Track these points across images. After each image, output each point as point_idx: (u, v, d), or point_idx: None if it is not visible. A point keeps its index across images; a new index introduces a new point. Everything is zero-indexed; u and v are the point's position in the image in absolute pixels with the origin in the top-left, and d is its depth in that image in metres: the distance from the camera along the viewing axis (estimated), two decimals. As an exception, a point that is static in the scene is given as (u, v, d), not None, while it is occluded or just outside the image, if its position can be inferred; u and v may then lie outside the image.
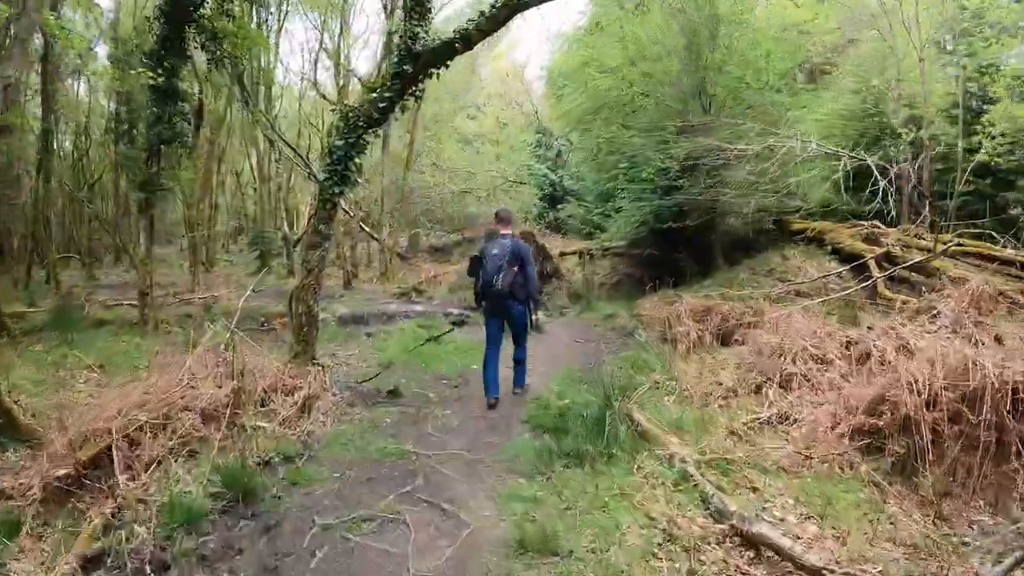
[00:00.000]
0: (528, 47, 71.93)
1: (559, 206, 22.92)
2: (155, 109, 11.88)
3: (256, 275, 25.06)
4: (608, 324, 12.70)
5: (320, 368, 8.44)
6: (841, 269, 12.25)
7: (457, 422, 7.15)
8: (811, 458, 5.69)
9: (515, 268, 7.66)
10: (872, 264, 11.62)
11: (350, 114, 8.45)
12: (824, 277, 12.18)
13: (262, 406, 6.98)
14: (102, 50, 23.16)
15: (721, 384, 7.89)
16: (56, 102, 19.36)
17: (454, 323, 12.81)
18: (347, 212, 21.53)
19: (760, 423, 6.53)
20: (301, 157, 22.58)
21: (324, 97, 25.62)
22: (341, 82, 26.10)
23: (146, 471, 5.37)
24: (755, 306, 10.38)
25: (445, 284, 17.81)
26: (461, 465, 5.88)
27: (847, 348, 7.58)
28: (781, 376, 7.36)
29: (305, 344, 8.68)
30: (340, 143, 8.40)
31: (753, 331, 9.36)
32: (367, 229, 21.41)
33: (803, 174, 13.00)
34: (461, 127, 29.40)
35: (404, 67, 8.37)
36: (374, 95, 8.45)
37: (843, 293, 10.84)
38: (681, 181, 13.88)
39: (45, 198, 18.59)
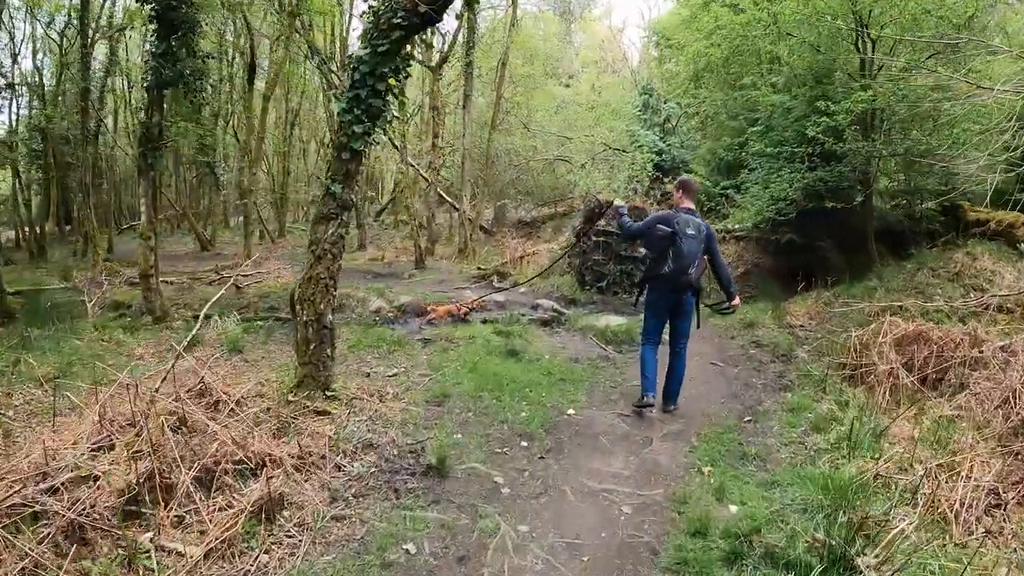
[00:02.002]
0: (624, 12, 67.36)
1: (666, 180, 19.05)
2: (157, 42, 8.88)
3: None
4: (748, 335, 9.03)
5: (328, 415, 5.25)
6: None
7: (539, 550, 3.75)
8: None
9: (705, 256, 5.94)
10: None
11: (381, 11, 5.06)
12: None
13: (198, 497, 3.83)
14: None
15: (979, 485, 4.28)
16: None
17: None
18: (424, 177, 18.37)
19: None
20: (384, 132, 19.52)
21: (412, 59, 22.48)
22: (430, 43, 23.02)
23: None
24: (970, 330, 6.80)
25: (533, 266, 14.39)
26: None
27: None
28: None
29: (313, 368, 5.54)
30: (366, 54, 5.06)
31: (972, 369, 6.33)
32: (447, 197, 18.18)
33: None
34: (554, 93, 25.76)
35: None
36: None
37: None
38: (846, 145, 9.92)
39: (88, 162, 16.17)
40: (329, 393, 5.83)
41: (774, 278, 12.73)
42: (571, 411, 5.96)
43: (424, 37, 21.80)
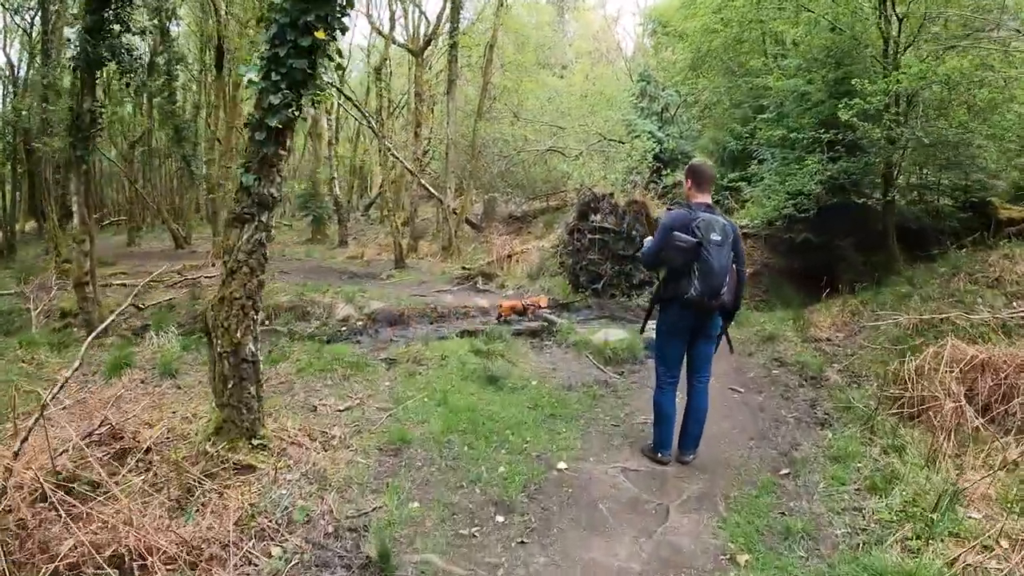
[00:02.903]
0: (619, 0, 66.15)
1: (665, 172, 17.75)
2: (87, 15, 7.56)
3: (308, 244, 21.24)
4: (769, 350, 7.76)
5: (253, 470, 3.99)
6: None
7: None
8: None
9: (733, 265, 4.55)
10: None
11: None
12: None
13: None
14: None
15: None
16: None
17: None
18: (408, 169, 17.03)
19: None
20: (354, 103, 18.19)
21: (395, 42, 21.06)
22: (416, 27, 21.65)
23: None
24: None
25: (523, 265, 13.10)
26: None
27: None
28: None
29: (234, 411, 4.27)
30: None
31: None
32: (428, 187, 16.83)
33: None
34: (547, 82, 24.39)
35: None
36: None
37: None
38: (881, 131, 8.65)
39: (49, 154, 14.88)
40: (256, 441, 4.53)
41: (788, 280, 11.48)
42: (562, 464, 4.66)
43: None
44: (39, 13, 18.60)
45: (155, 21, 15.44)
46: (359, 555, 3.50)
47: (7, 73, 25.21)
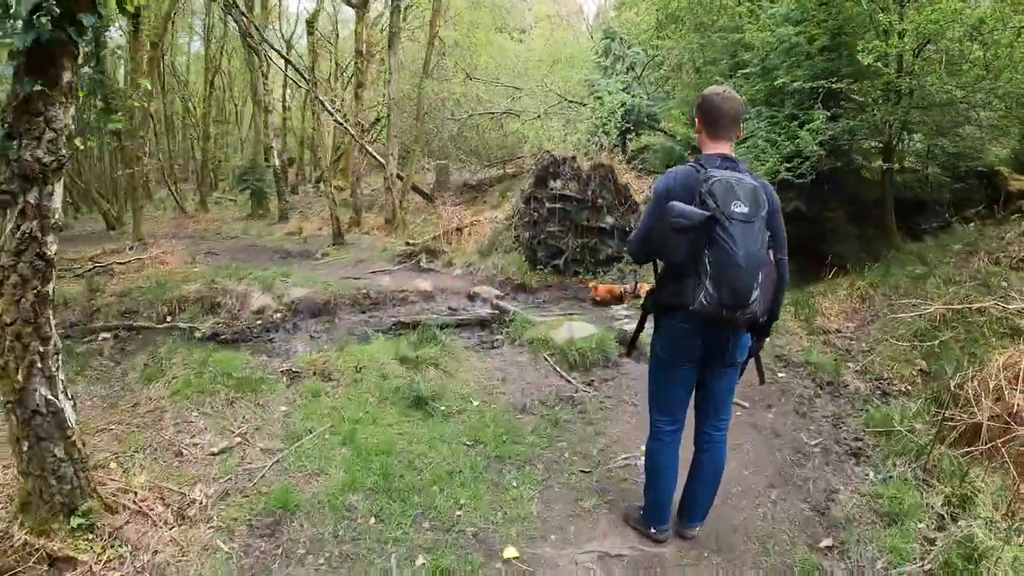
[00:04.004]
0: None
1: (631, 136, 16.18)
2: None
3: (247, 220, 19.25)
4: (769, 345, 6.30)
5: (72, 565, 2.36)
6: None
7: None
8: None
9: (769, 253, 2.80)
10: None
11: None
12: None
13: None
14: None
15: None
16: None
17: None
18: (337, 119, 15.14)
19: None
20: (291, 63, 16.18)
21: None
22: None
23: None
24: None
25: (473, 241, 11.45)
26: None
27: None
28: None
29: (40, 481, 2.98)
30: None
31: None
32: (371, 151, 15.01)
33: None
34: (504, 46, 22.50)
35: None
36: None
37: None
38: (911, 81, 7.25)
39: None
40: (78, 520, 2.93)
41: (776, 255, 10.08)
42: (511, 551, 3.11)
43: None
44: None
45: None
46: None
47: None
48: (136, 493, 3.42)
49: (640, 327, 3.29)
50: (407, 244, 11.88)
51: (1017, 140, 9.77)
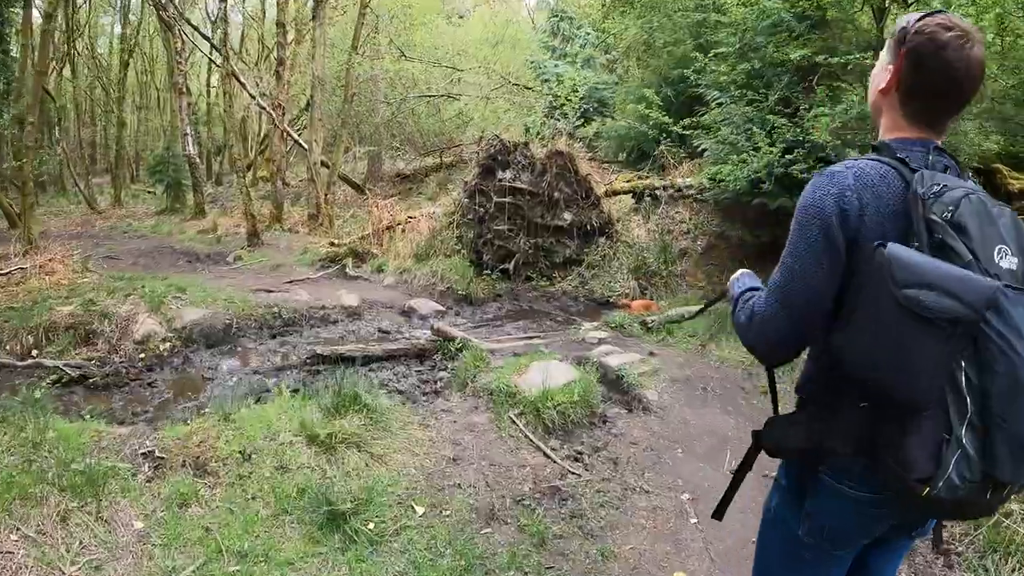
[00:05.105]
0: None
1: (578, 122, 14.75)
2: None
3: (162, 215, 16.99)
4: (789, 380, 4.90)
5: None
6: None
7: None
8: None
9: None
10: None
11: None
12: None
13: None
14: None
15: None
16: None
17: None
18: (251, 95, 13.23)
19: None
20: (206, 38, 14.12)
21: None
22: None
23: None
24: None
25: (408, 241, 9.77)
26: None
27: None
28: None
29: None
30: None
31: None
32: (293, 135, 13.16)
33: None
34: (442, 31, 20.82)
35: None
36: None
37: None
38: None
39: None
40: None
41: (756, 260, 8.81)
42: None
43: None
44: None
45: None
46: None
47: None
48: None
49: (735, 487, 1.73)
50: (331, 245, 10.12)
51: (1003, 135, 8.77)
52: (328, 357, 5.48)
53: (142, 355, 5.97)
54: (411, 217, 10.35)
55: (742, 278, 1.75)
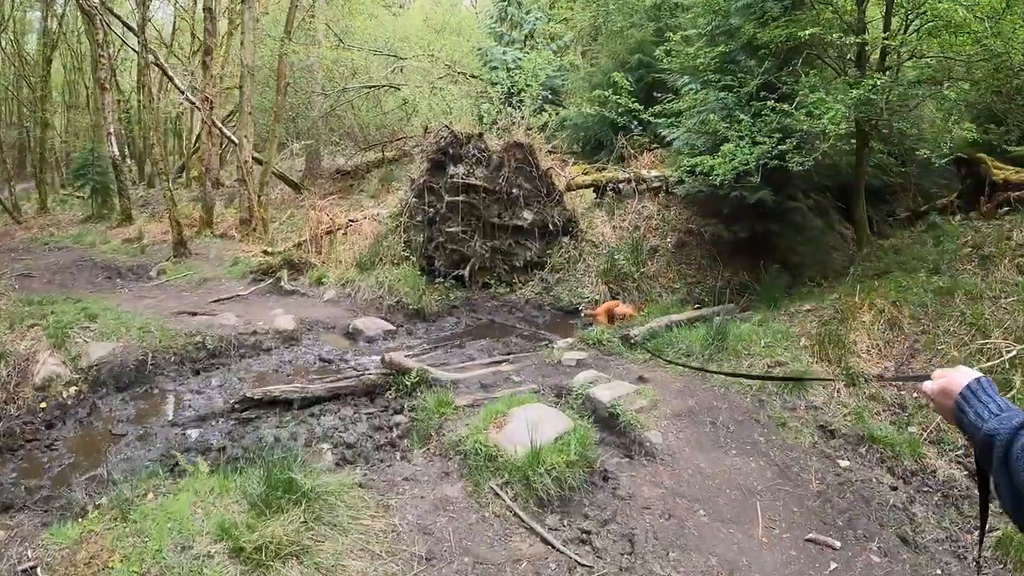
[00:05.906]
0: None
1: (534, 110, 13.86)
2: None
3: (87, 223, 15.39)
4: (802, 407, 4.25)
5: None
6: None
7: None
8: None
9: None
10: None
11: None
12: None
13: None
14: None
15: None
16: None
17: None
18: (174, 82, 11.93)
19: None
20: (128, 27, 12.69)
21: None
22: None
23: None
24: None
25: (351, 247, 8.75)
26: None
27: None
28: None
29: None
30: None
31: None
32: (223, 129, 11.92)
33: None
34: (381, 20, 19.58)
35: None
36: None
37: None
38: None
39: None
40: None
41: (732, 257, 8.12)
42: None
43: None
44: None
45: None
46: None
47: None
48: None
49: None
50: (265, 254, 9.01)
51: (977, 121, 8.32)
52: (260, 400, 4.49)
53: (43, 403, 4.88)
54: (352, 220, 9.32)
55: (989, 393, 0.98)
